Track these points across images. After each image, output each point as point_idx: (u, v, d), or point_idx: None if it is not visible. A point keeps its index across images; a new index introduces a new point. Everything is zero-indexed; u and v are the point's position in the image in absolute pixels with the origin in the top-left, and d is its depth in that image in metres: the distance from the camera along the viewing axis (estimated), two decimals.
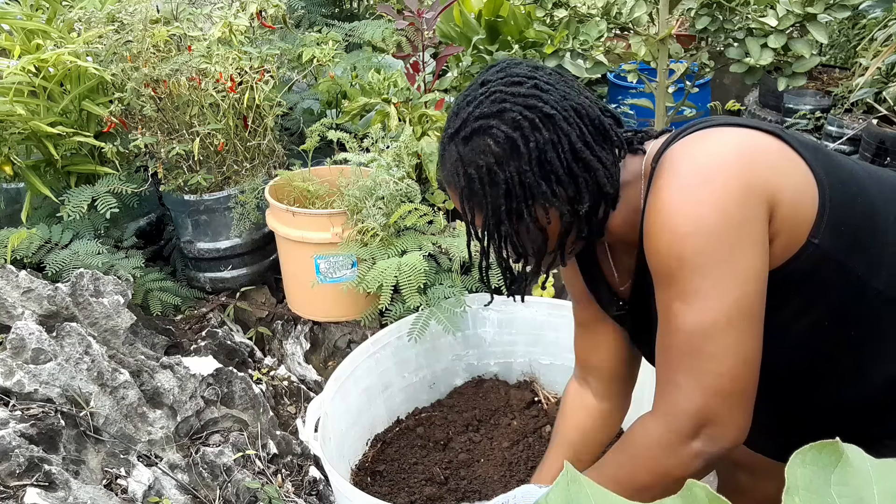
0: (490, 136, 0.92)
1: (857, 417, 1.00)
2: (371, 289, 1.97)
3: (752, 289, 0.83)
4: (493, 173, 0.92)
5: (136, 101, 2.31)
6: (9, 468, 1.35)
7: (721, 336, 0.83)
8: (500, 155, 0.91)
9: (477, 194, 0.94)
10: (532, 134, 0.90)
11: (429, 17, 2.37)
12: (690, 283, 0.83)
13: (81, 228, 2.30)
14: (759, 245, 0.83)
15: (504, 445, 1.88)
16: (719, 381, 0.84)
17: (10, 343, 1.63)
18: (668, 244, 0.84)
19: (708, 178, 0.83)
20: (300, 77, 2.69)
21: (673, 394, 0.88)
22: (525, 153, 0.90)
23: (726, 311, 0.82)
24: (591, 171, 0.92)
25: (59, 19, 2.40)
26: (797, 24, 2.21)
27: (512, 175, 0.91)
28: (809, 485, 0.38)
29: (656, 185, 0.88)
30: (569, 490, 0.39)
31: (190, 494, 1.65)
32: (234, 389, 1.93)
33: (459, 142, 0.94)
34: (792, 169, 0.87)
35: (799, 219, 0.86)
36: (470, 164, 0.93)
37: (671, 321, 0.87)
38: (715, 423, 0.85)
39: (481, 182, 0.93)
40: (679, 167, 0.86)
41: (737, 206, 0.81)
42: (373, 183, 2.10)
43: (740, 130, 0.89)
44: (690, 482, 0.40)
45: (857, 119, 3.10)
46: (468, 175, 0.94)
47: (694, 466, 0.88)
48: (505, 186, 0.92)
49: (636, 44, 2.58)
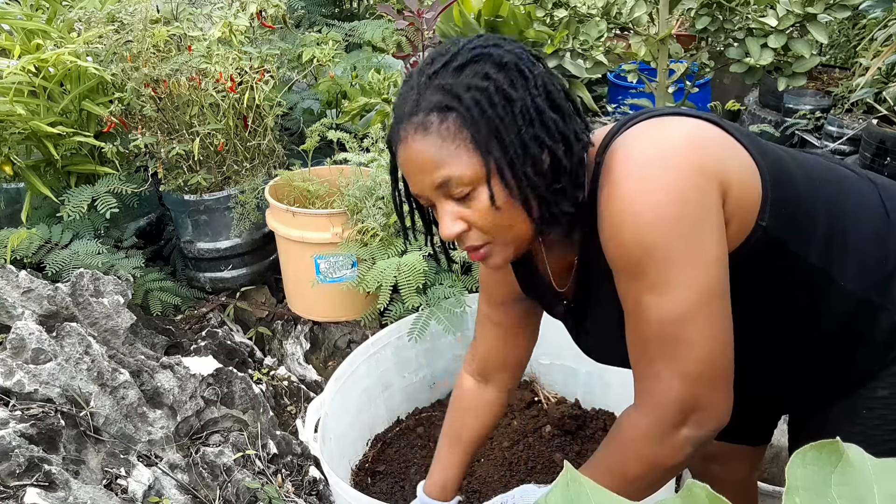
0: (490, 60, 0.85)
1: (812, 383, 1.03)
2: (371, 289, 1.97)
3: (717, 272, 0.83)
4: (502, 92, 0.84)
5: (136, 101, 2.31)
6: (9, 468, 1.35)
7: (695, 323, 0.83)
8: (505, 79, 0.85)
9: (487, 119, 0.84)
10: (531, 66, 0.87)
11: (429, 17, 2.37)
12: (659, 273, 0.83)
13: (81, 228, 2.30)
14: (718, 228, 0.83)
15: (504, 445, 1.88)
16: (698, 367, 0.84)
17: (10, 343, 1.63)
18: (632, 234, 0.83)
19: (664, 166, 0.83)
20: (300, 77, 2.69)
21: (655, 385, 0.88)
22: (531, 78, 0.86)
23: (697, 297, 0.82)
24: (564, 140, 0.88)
25: (59, 19, 2.40)
26: (797, 24, 2.21)
27: (524, 97, 0.85)
28: (809, 485, 0.38)
29: (611, 177, 0.85)
30: (568, 490, 0.39)
31: (190, 494, 1.65)
32: (234, 389, 1.93)
33: (449, 74, 0.86)
34: (735, 154, 0.88)
35: (747, 202, 0.87)
36: (469, 88, 0.84)
37: (643, 313, 0.86)
38: (700, 409, 0.86)
39: (491, 103, 0.83)
40: (633, 156, 0.85)
41: (694, 192, 0.82)
42: (373, 183, 2.10)
43: (685, 119, 0.90)
44: (690, 482, 0.40)
45: (857, 119, 3.10)
46: (474, 100, 0.84)
47: (684, 453, 0.88)
48: (520, 106, 0.84)
49: (636, 44, 2.58)
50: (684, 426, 0.87)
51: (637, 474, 0.92)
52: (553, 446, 1.87)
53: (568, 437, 1.90)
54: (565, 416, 1.90)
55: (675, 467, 0.90)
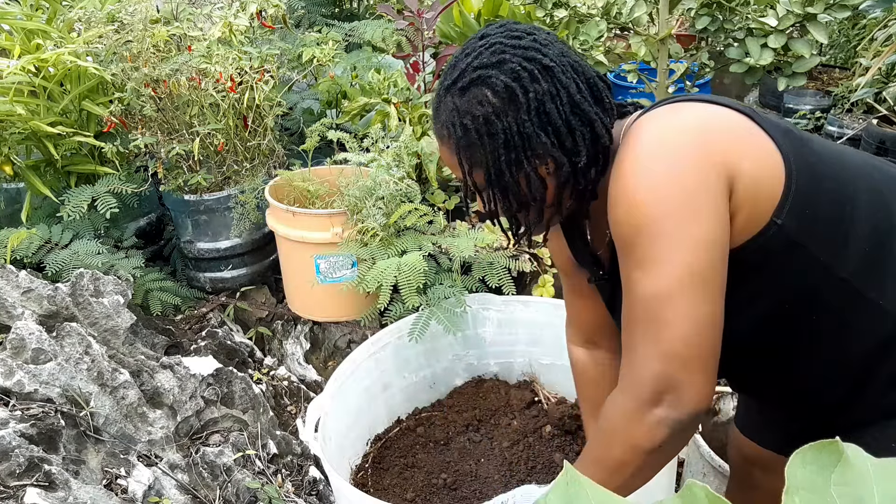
0: (488, 85, 0.92)
1: (828, 405, 1.00)
2: (370, 289, 1.97)
3: (706, 256, 0.83)
4: (490, 123, 0.92)
5: (136, 101, 2.31)
6: (9, 468, 1.35)
7: (674, 302, 0.83)
8: (498, 105, 0.92)
9: (474, 145, 0.94)
10: (531, 84, 0.91)
11: (429, 17, 2.37)
12: (645, 251, 0.84)
13: (81, 228, 2.30)
14: (715, 215, 0.83)
15: (504, 445, 1.88)
16: (674, 347, 0.84)
17: (10, 343, 1.63)
18: (626, 212, 0.86)
19: (666, 149, 0.85)
20: (300, 77, 2.69)
21: (633, 362, 0.89)
22: (524, 103, 0.91)
23: (680, 276, 0.82)
24: (588, 125, 0.94)
25: (59, 19, 2.40)
26: (797, 24, 2.21)
27: (510, 125, 0.92)
28: (809, 485, 0.38)
29: (619, 156, 0.90)
30: (568, 490, 0.39)
31: (190, 494, 1.65)
32: (234, 389, 1.93)
33: (456, 93, 0.94)
34: (755, 145, 0.88)
35: (761, 196, 0.86)
36: (466, 114, 0.93)
37: (631, 289, 0.88)
38: (675, 389, 0.85)
39: (478, 133, 0.93)
40: (641, 138, 0.88)
41: (692, 176, 0.83)
42: (373, 183, 2.10)
43: (706, 106, 0.91)
44: (690, 482, 0.40)
45: (857, 119, 3.10)
46: (464, 126, 0.93)
47: (660, 434, 0.87)
48: (503, 136, 0.92)
49: (636, 44, 2.58)
50: (659, 405, 0.86)
51: (619, 458, 0.91)
52: (553, 446, 1.87)
53: (568, 437, 1.90)
54: (565, 416, 1.90)
55: (652, 452, 0.89)
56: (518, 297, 2.05)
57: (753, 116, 0.90)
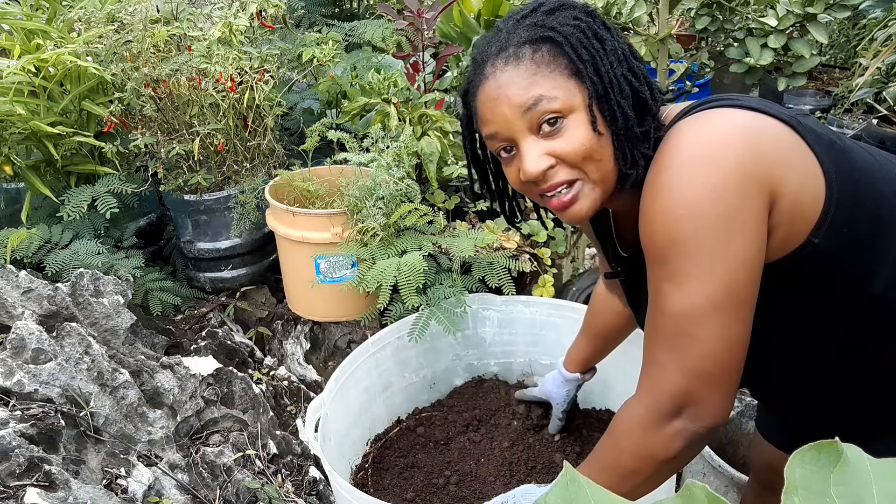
0: (578, 9, 0.93)
1: (855, 415, 1.00)
2: (371, 289, 1.97)
3: (742, 276, 0.82)
4: (595, 31, 0.91)
5: (136, 101, 2.31)
6: (9, 468, 1.35)
7: (707, 320, 0.82)
8: (594, 23, 0.92)
9: (587, 48, 0.90)
10: (603, 32, 0.94)
11: (429, 17, 2.37)
12: (681, 266, 0.83)
13: (81, 228, 2.30)
14: (754, 234, 0.82)
15: (504, 445, 1.88)
16: (701, 364, 0.84)
17: (10, 343, 1.63)
18: (662, 225, 0.83)
19: (708, 162, 0.81)
20: (300, 77, 2.69)
21: (655, 374, 0.88)
22: (613, 28, 0.93)
23: (714, 295, 0.81)
24: (648, 86, 0.94)
25: (59, 19, 2.40)
26: (797, 24, 2.21)
27: (613, 39, 0.92)
28: (809, 485, 0.38)
29: (658, 162, 0.87)
30: (568, 490, 0.39)
31: (190, 494, 1.65)
32: (234, 389, 1.93)
33: (540, 14, 0.92)
34: (799, 162, 0.85)
35: (800, 215, 0.84)
36: (564, 24, 0.91)
37: (659, 301, 0.87)
38: (696, 404, 0.85)
39: (587, 37, 0.90)
40: (682, 147, 0.84)
41: (734, 193, 0.80)
42: (373, 183, 2.10)
43: (752, 114, 0.86)
44: (690, 482, 0.40)
45: (857, 119, 3.10)
46: (571, 29, 0.90)
47: (675, 446, 0.87)
48: (611, 45, 0.91)
49: (636, 44, 2.58)
50: (678, 418, 0.86)
51: (631, 467, 0.91)
52: (553, 446, 1.87)
53: (568, 438, 1.89)
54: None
55: (667, 462, 0.89)
56: (518, 297, 2.05)
57: (798, 128, 0.87)
